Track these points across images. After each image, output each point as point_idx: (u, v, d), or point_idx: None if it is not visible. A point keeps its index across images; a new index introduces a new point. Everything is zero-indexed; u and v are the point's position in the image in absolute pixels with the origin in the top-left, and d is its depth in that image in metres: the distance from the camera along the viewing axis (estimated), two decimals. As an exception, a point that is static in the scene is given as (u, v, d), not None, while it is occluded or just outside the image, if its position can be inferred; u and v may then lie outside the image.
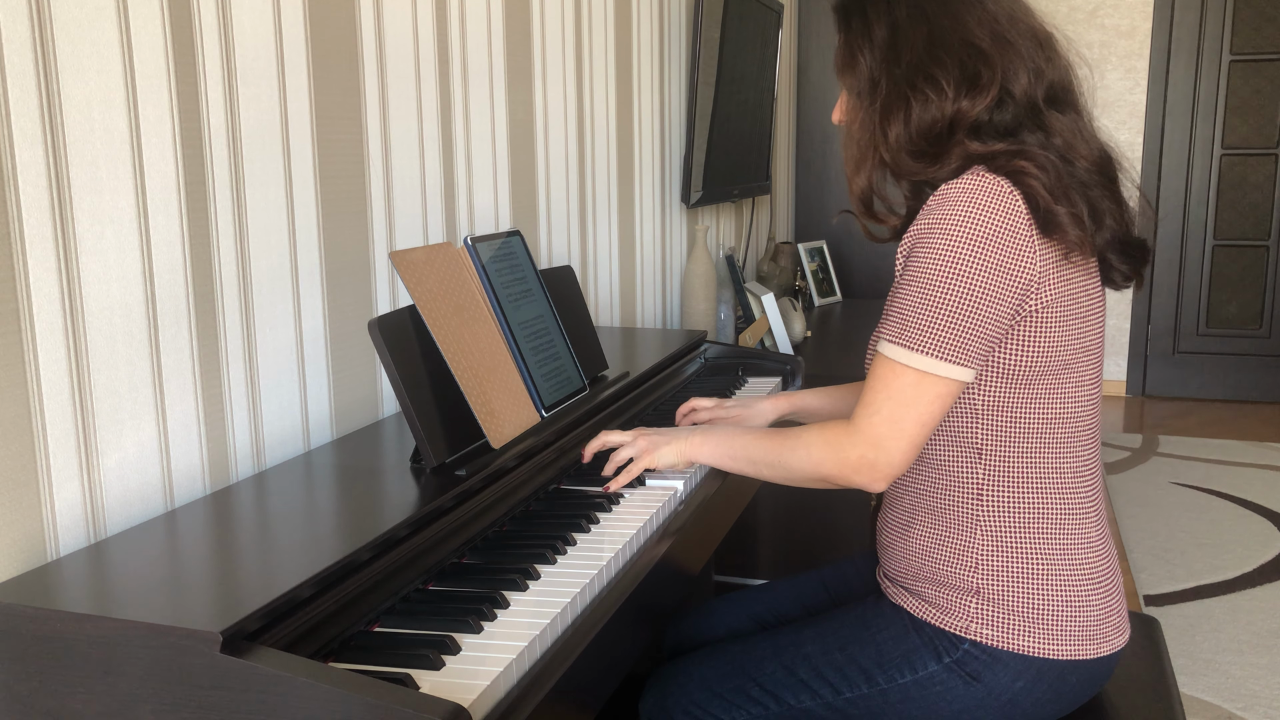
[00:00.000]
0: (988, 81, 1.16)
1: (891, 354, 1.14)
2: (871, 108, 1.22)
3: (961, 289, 1.11)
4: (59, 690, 0.84)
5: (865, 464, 1.16)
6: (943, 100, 1.17)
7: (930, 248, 1.13)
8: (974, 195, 1.12)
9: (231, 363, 1.26)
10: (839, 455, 1.17)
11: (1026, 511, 1.19)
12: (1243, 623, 2.65)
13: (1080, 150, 1.18)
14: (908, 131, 1.19)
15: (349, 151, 1.45)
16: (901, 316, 1.14)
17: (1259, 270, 4.85)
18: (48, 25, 1.00)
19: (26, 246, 0.99)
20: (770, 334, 2.80)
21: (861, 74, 1.23)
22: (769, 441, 1.26)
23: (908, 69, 1.19)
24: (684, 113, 2.81)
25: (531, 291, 1.45)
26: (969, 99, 1.16)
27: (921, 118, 1.18)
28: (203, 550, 0.99)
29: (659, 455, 1.33)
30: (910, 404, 1.13)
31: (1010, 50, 1.17)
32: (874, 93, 1.22)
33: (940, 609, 1.22)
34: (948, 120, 1.17)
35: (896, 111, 1.20)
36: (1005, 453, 1.19)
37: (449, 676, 0.85)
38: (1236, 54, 4.70)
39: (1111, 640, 1.21)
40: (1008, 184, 1.12)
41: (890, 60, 1.20)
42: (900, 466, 1.15)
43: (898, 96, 1.19)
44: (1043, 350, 1.15)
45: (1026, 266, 1.12)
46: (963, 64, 1.17)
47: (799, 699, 1.26)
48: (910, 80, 1.18)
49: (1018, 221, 1.11)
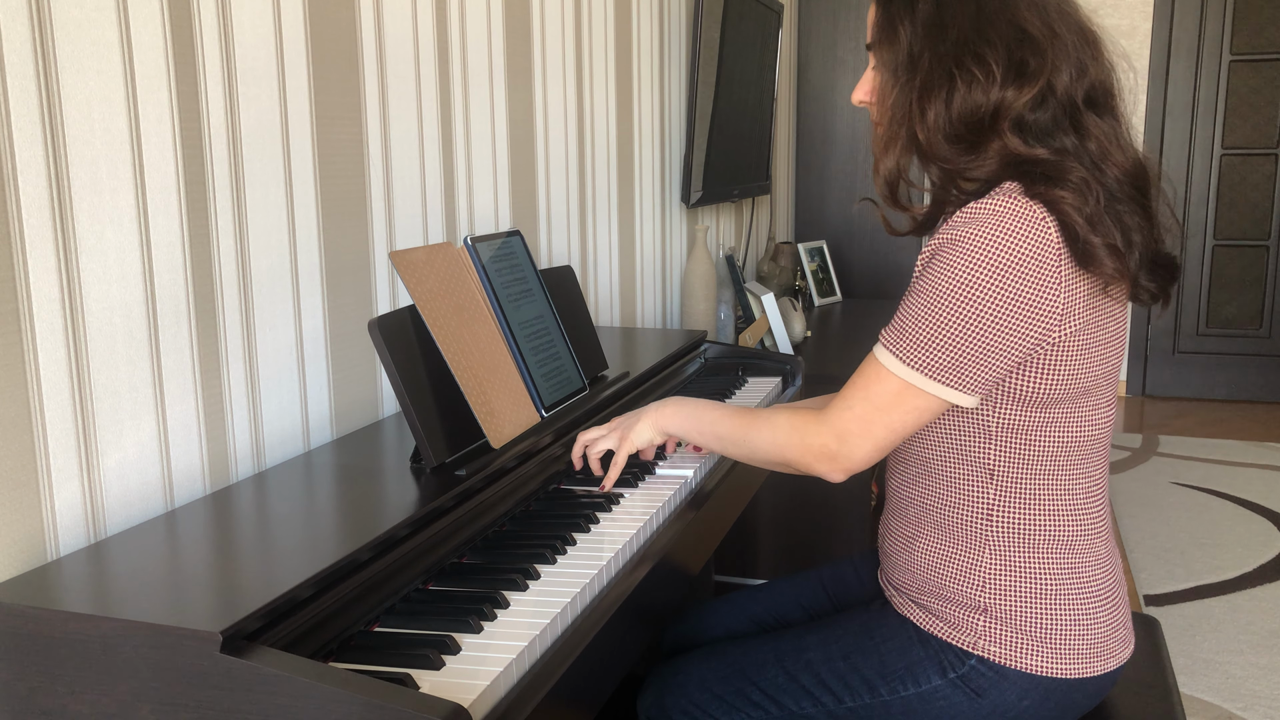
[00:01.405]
0: (1035, 71, 1.09)
1: (883, 359, 1.12)
2: (909, 84, 1.14)
3: (969, 313, 1.07)
4: (59, 690, 0.84)
5: (826, 454, 1.14)
6: (990, 84, 1.09)
7: (948, 263, 1.08)
8: (1004, 220, 1.06)
9: (231, 363, 1.26)
10: (802, 440, 1.16)
11: (1037, 533, 1.17)
12: (1243, 623, 2.65)
13: (1115, 158, 1.12)
14: (948, 113, 1.12)
15: (349, 151, 1.45)
16: (901, 325, 1.12)
17: (1259, 270, 4.85)
18: (48, 25, 1.00)
19: (26, 246, 0.99)
20: (770, 334, 2.80)
21: (900, 48, 1.15)
22: (738, 418, 1.24)
23: (953, 46, 1.11)
24: (684, 113, 2.81)
25: (531, 291, 1.45)
26: (1015, 88, 1.09)
27: (965, 101, 1.11)
28: (203, 550, 0.99)
29: (635, 435, 1.31)
30: (885, 410, 1.11)
31: (1058, 42, 1.11)
32: (913, 69, 1.14)
33: (947, 623, 1.20)
34: (991, 108, 1.10)
35: (938, 90, 1.12)
36: (1018, 474, 1.17)
37: (449, 676, 0.85)
38: (1236, 54, 4.70)
39: (1118, 655, 1.20)
40: (1041, 210, 1.06)
41: (934, 36, 1.12)
42: (860, 464, 1.14)
43: (941, 74, 1.12)
44: (1063, 378, 1.12)
45: (1051, 299, 1.07)
46: (1010, 49, 1.10)
47: (800, 705, 1.25)
48: (956, 57, 1.11)
49: (1046, 252, 1.05)
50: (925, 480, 1.23)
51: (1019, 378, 1.12)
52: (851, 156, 4.04)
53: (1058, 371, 1.11)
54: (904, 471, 1.27)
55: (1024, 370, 1.12)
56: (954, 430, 1.19)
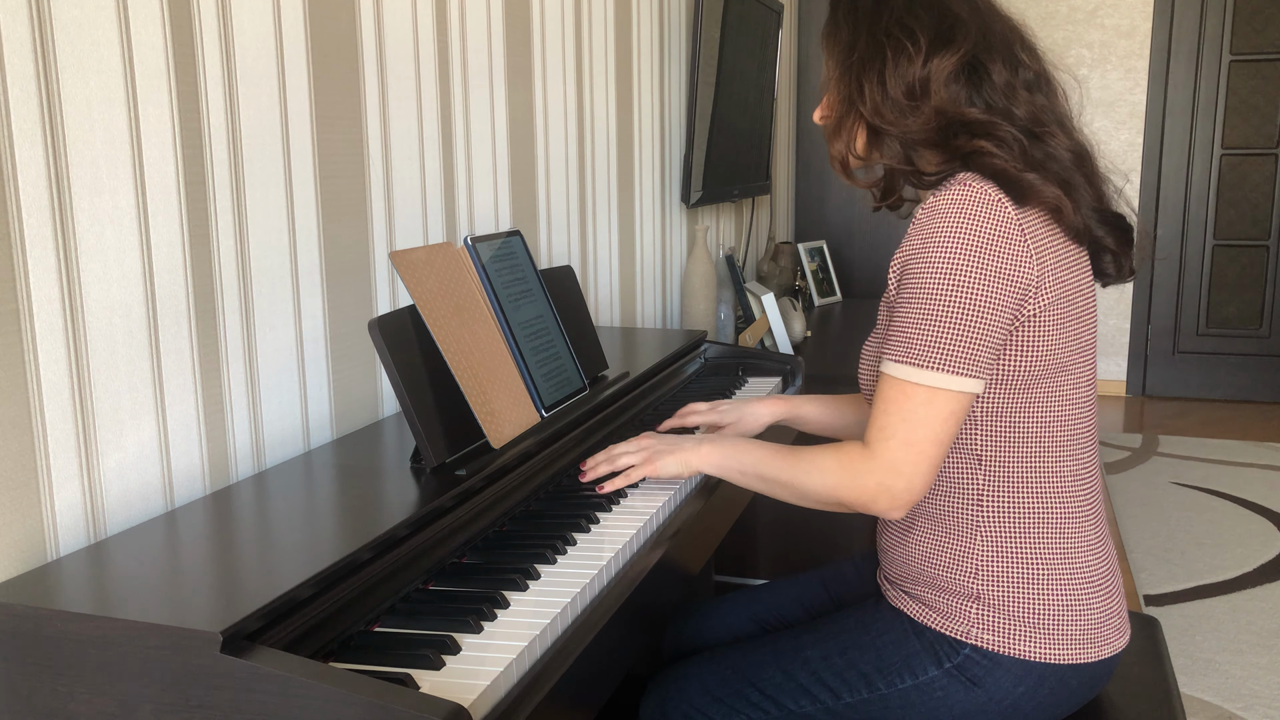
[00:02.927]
0: (960, 41, 1.17)
1: (899, 373, 1.12)
2: (848, 67, 1.23)
3: (963, 300, 1.10)
4: (59, 690, 0.84)
5: (884, 491, 1.12)
6: (917, 53, 1.17)
7: (926, 263, 1.12)
8: (963, 206, 1.11)
9: (231, 363, 1.26)
10: (856, 482, 1.13)
11: (1026, 516, 1.19)
12: (1243, 623, 2.65)
13: (1054, 132, 1.18)
14: (884, 86, 1.19)
15: (349, 151, 1.45)
16: (905, 335, 1.12)
17: (1259, 270, 4.85)
18: (48, 25, 1.00)
19: (26, 246, 0.99)
20: (770, 334, 2.80)
21: (842, 39, 1.25)
22: (782, 460, 1.22)
23: (884, 25, 1.20)
24: (684, 113, 2.81)
25: (531, 291, 1.45)
26: (940, 56, 1.17)
27: (897, 72, 1.18)
28: (203, 550, 0.99)
29: (661, 464, 1.29)
30: (924, 423, 1.11)
31: (988, 32, 1.19)
32: (851, 53, 1.23)
33: (941, 613, 1.21)
34: (923, 75, 1.18)
35: (873, 65, 1.20)
36: (1004, 458, 1.18)
37: (449, 676, 0.85)
38: (1236, 54, 4.70)
39: (1113, 642, 1.21)
40: (994, 189, 1.12)
41: (869, 20, 1.22)
42: (921, 491, 1.12)
43: (874, 50, 1.20)
44: (1041, 354, 1.14)
45: (1023, 272, 1.11)
46: (939, 22, 1.19)
47: (798, 704, 1.25)
48: (886, 30, 1.20)
49: (1009, 227, 1.11)
50: None
51: (1000, 357, 1.15)
52: (851, 156, 4.04)
53: (1035, 347, 1.14)
54: None
55: (1004, 349, 1.14)
56: None
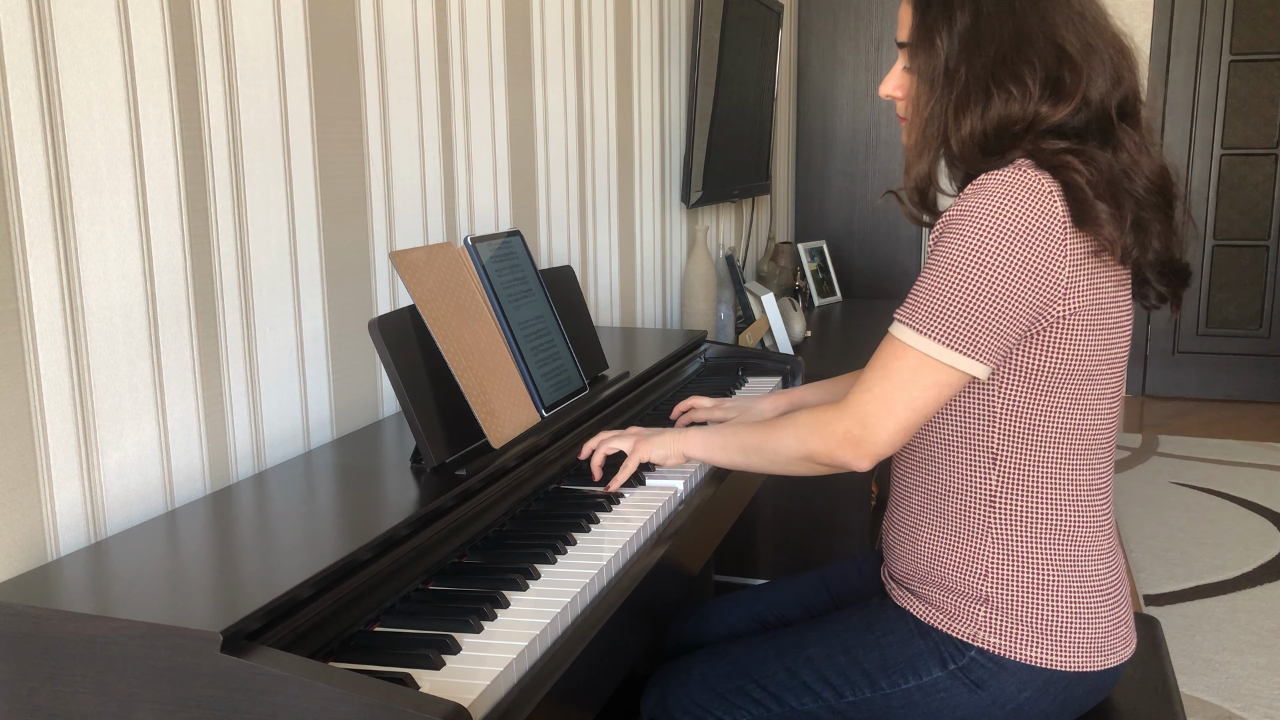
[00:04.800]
0: (1071, 88, 1.12)
1: (899, 334, 1.13)
2: (946, 95, 1.17)
3: (982, 280, 1.09)
4: (59, 690, 0.84)
5: (850, 440, 1.14)
6: (1025, 101, 1.12)
7: (958, 234, 1.10)
8: (1011, 188, 1.09)
9: (231, 363, 1.26)
10: (825, 430, 1.16)
11: (1040, 522, 1.18)
12: (1243, 623, 2.65)
13: (1143, 167, 1.14)
14: (983, 125, 1.14)
15: (349, 151, 1.45)
16: (915, 299, 1.13)
17: (1259, 270, 4.85)
18: (48, 25, 1.00)
19: (26, 246, 0.99)
20: (770, 334, 2.80)
21: (937, 59, 1.17)
22: (759, 429, 1.25)
23: (991, 63, 1.14)
24: (684, 113, 2.81)
25: (531, 291, 1.45)
26: (1050, 105, 1.12)
27: (1001, 115, 1.13)
28: (203, 550, 0.99)
29: (651, 447, 1.32)
30: (904, 386, 1.11)
31: (1095, 58, 1.14)
32: (949, 82, 1.16)
33: (947, 614, 1.21)
34: (1027, 122, 1.13)
35: (974, 105, 1.14)
36: (1021, 460, 1.17)
37: (449, 676, 0.85)
38: (1236, 54, 4.70)
39: (1119, 652, 1.21)
40: (1049, 180, 1.09)
41: (972, 50, 1.15)
42: (885, 447, 1.13)
43: (978, 90, 1.14)
44: (1067, 358, 1.13)
45: (1055, 270, 1.09)
46: (1048, 67, 1.13)
47: (800, 701, 1.25)
48: (994, 75, 1.13)
49: (1052, 223, 1.08)
50: (928, 467, 1.24)
51: (1023, 353, 1.14)
52: (851, 156, 4.04)
53: (1061, 349, 1.13)
54: (907, 459, 1.28)
55: (1027, 345, 1.13)
56: (957, 411, 1.19)
